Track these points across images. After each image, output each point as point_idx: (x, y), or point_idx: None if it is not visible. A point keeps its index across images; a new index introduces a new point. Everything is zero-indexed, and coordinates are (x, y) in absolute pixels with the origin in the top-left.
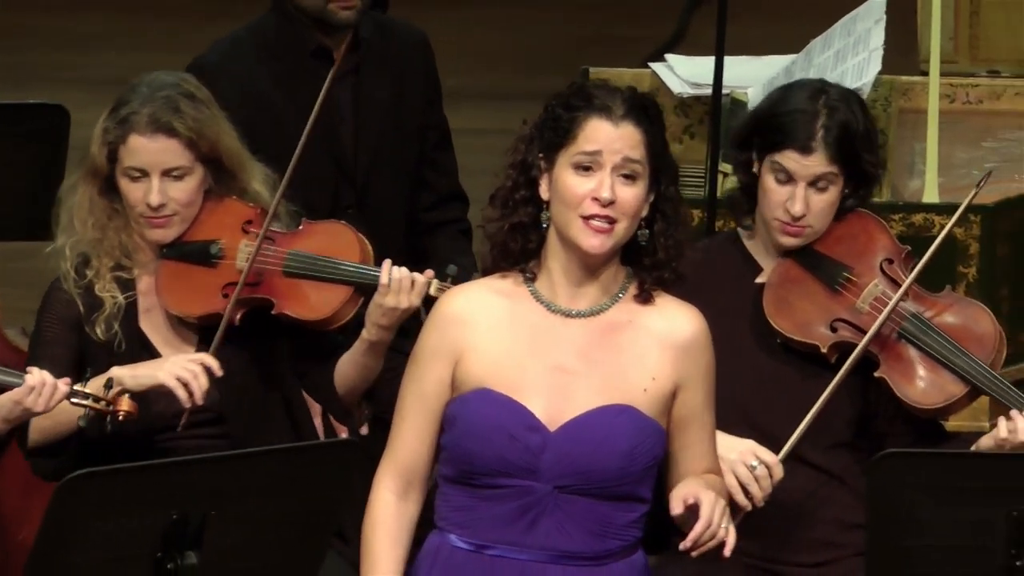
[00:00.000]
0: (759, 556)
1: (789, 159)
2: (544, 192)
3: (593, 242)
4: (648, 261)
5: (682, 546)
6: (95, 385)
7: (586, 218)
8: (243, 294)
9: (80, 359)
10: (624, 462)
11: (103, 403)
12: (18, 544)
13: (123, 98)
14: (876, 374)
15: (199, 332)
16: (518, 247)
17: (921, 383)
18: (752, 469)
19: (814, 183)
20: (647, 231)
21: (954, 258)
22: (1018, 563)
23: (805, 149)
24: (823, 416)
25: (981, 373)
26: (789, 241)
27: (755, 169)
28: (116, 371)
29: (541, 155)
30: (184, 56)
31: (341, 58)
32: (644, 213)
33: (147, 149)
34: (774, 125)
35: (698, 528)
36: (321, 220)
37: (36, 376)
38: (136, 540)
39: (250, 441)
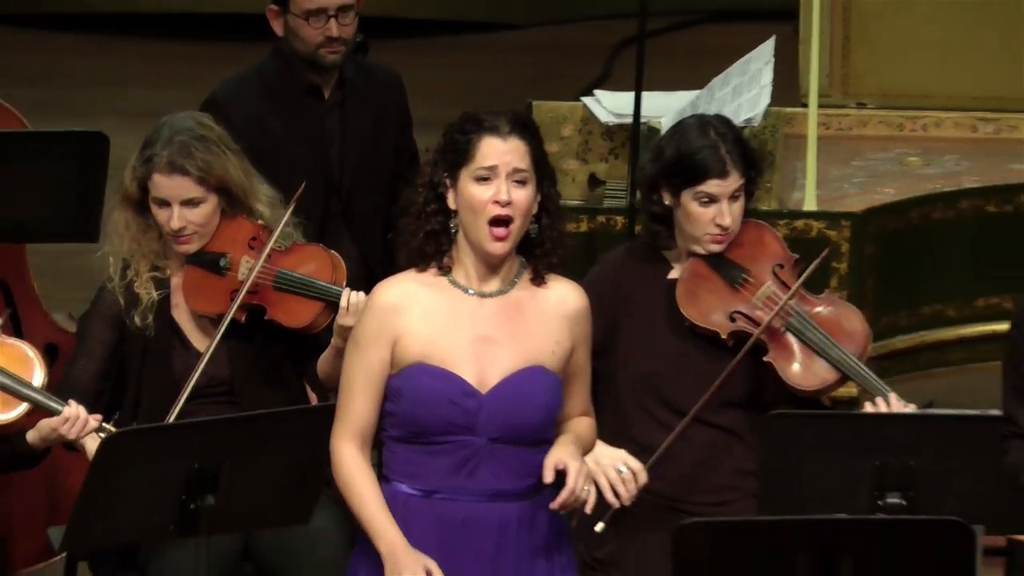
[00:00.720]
0: (667, 497)
1: (711, 186)
2: (452, 203)
3: (496, 247)
4: (539, 251)
5: (551, 506)
6: (110, 427)
7: (491, 223)
8: (244, 300)
9: (113, 353)
10: (544, 414)
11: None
12: (67, 489)
13: (149, 139)
14: (765, 359)
15: (216, 324)
16: (432, 249)
17: (801, 369)
18: (620, 473)
19: (732, 197)
20: (536, 225)
21: (829, 256)
22: (880, 503)
23: (723, 174)
24: (723, 388)
25: (850, 365)
26: (717, 248)
27: (668, 202)
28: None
29: (446, 174)
30: (200, 92)
31: (330, 94)
32: (534, 211)
33: (166, 185)
34: (688, 165)
35: (563, 495)
36: (307, 243)
37: (72, 409)
38: (164, 485)
39: (255, 408)
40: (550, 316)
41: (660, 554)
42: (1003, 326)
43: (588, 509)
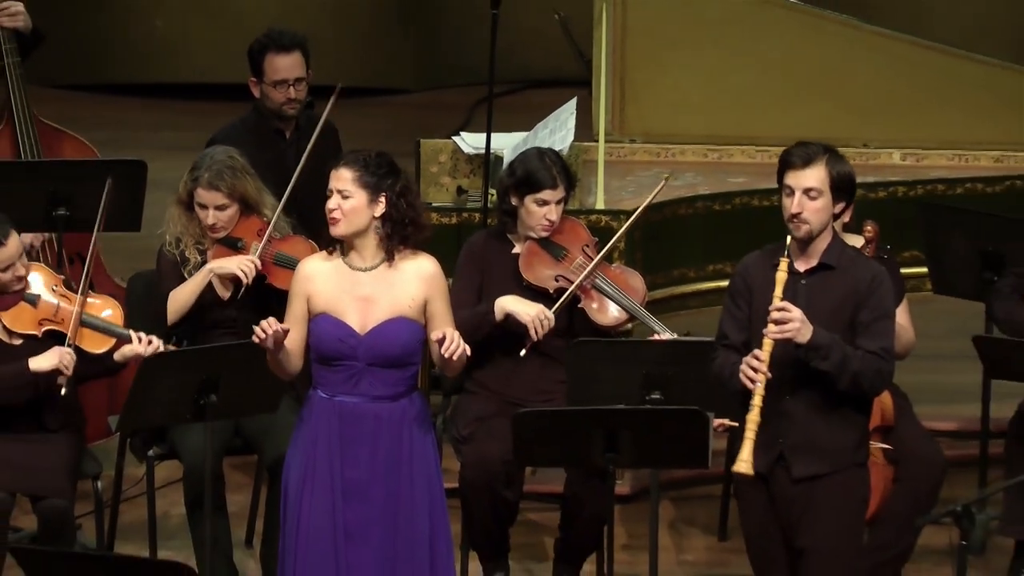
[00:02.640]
0: (511, 396)
1: (545, 194)
2: None
3: (332, 230)
4: (396, 238)
5: (433, 337)
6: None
7: (329, 219)
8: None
9: (180, 281)
10: (400, 349)
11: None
12: (121, 389)
13: (196, 163)
14: (579, 306)
15: (234, 283)
16: (331, 240)
17: (602, 312)
18: (539, 320)
19: (557, 202)
20: (379, 223)
21: (611, 237)
22: (646, 398)
23: (553, 186)
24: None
25: (635, 308)
26: (546, 234)
27: (515, 203)
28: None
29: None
30: (207, 133)
31: (290, 135)
32: (377, 213)
33: (206, 197)
34: (531, 179)
35: (446, 343)
36: (294, 235)
37: (141, 340)
38: (185, 388)
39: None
40: (409, 281)
41: (503, 431)
42: (725, 282)
43: (446, 351)
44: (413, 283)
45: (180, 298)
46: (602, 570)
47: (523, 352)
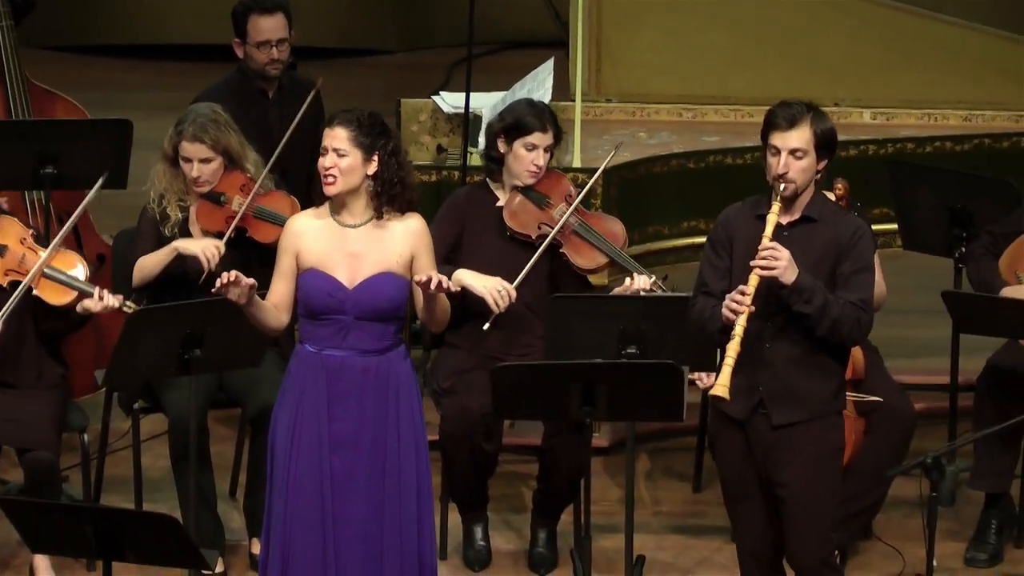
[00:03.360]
0: (490, 351)
1: (535, 137)
2: None
3: (326, 190)
4: (385, 196)
5: (417, 280)
6: (129, 303)
7: (323, 179)
8: (232, 223)
9: (157, 244)
10: (387, 303)
11: (131, 307)
12: (108, 344)
13: (181, 119)
14: (561, 251)
15: (217, 237)
16: (322, 197)
17: (583, 257)
18: (499, 292)
19: (544, 149)
20: (371, 182)
21: (590, 194)
22: (623, 352)
23: (543, 130)
24: (533, 271)
25: (616, 253)
26: (532, 180)
27: (503, 150)
28: (181, 242)
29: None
30: (192, 93)
31: (272, 96)
32: (370, 172)
33: (190, 149)
34: (521, 123)
35: (433, 282)
36: (277, 191)
37: (100, 295)
38: (169, 343)
39: None
40: (396, 238)
41: (483, 384)
42: (700, 239)
43: (433, 287)
44: (400, 239)
45: (145, 267)
46: (579, 521)
47: (486, 326)
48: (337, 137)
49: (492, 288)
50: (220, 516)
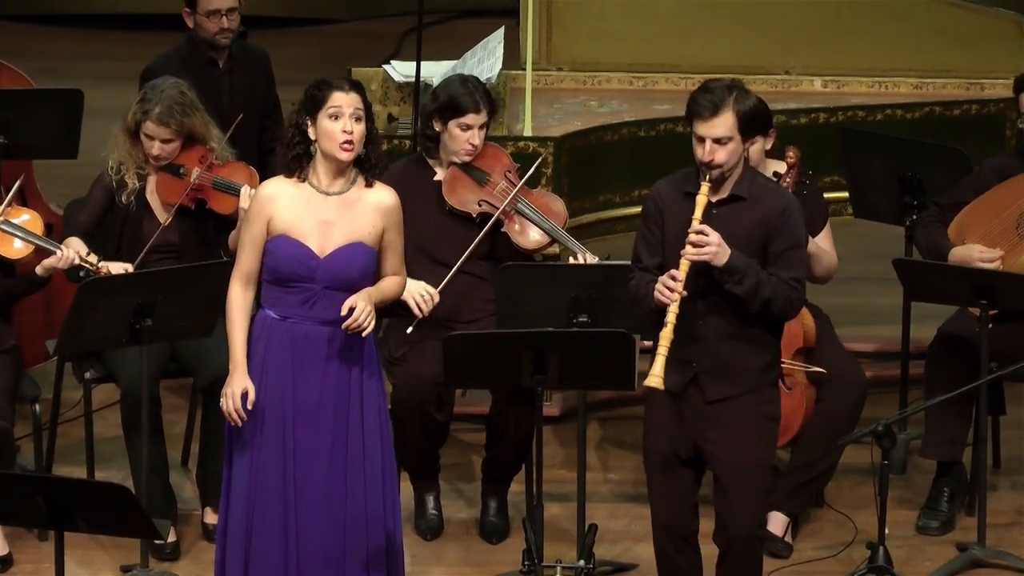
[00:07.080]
0: (441, 318)
1: (468, 118)
2: (312, 135)
3: (345, 156)
4: (367, 165)
5: (343, 326)
6: (92, 259)
7: (341, 145)
8: (191, 195)
9: (104, 211)
10: (358, 272)
11: (93, 267)
12: (59, 312)
13: (146, 96)
14: (502, 230)
15: (174, 208)
16: (296, 164)
17: (524, 236)
18: (422, 296)
19: (480, 127)
20: (364, 150)
21: (541, 164)
22: (574, 321)
23: (477, 110)
24: (474, 251)
25: (557, 232)
26: (468, 159)
27: (439, 129)
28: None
29: (307, 117)
30: (141, 63)
31: (223, 64)
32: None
33: (154, 131)
34: (454, 104)
35: (348, 321)
36: (235, 161)
37: (65, 251)
38: (120, 312)
39: (192, 263)
40: (369, 209)
41: (434, 353)
42: None
43: (365, 334)
44: (373, 212)
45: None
46: (531, 490)
47: (409, 329)
48: (356, 101)
49: (415, 292)
50: (172, 486)
